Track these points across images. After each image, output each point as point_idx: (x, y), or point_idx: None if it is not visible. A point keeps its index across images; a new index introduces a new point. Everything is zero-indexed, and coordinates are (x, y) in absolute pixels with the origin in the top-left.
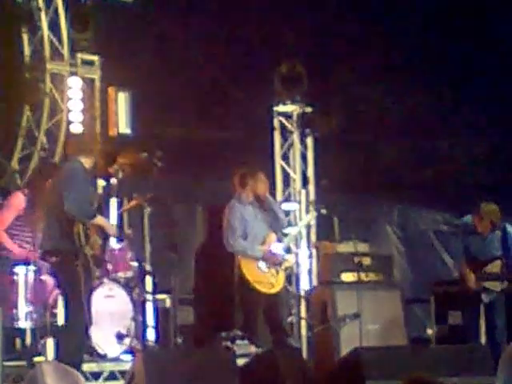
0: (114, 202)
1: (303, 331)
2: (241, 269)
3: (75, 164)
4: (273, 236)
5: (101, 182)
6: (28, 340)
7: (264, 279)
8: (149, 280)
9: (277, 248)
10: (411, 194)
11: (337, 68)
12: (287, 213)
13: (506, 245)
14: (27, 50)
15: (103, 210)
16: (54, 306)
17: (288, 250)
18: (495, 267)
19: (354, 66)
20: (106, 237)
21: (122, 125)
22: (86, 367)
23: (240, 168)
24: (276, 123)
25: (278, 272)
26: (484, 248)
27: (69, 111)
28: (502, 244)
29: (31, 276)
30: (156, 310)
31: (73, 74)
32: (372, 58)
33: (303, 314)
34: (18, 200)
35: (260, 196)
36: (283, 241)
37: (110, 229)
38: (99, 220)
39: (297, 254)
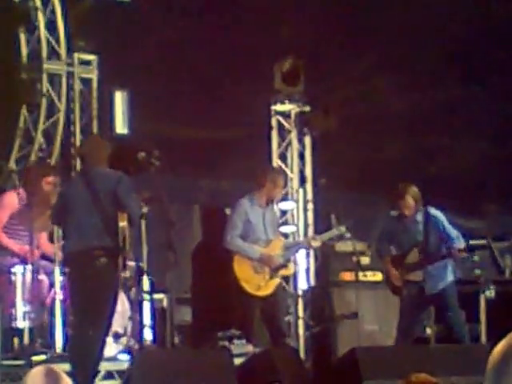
0: None
1: (301, 331)
2: (233, 265)
3: (120, 172)
4: (279, 242)
5: None
6: (26, 339)
7: (253, 280)
8: (146, 280)
9: (279, 255)
10: None
11: (335, 66)
12: (284, 212)
13: (427, 228)
14: (24, 50)
15: None
16: (52, 305)
17: (289, 259)
18: (413, 257)
19: (353, 64)
20: None
21: (120, 124)
22: None
23: (262, 167)
24: (274, 122)
25: (271, 277)
26: (408, 234)
27: (66, 111)
28: (424, 228)
29: (29, 276)
30: (153, 309)
31: (70, 73)
32: (371, 56)
33: (301, 313)
34: (12, 199)
35: (274, 200)
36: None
37: None
38: None
39: (295, 254)
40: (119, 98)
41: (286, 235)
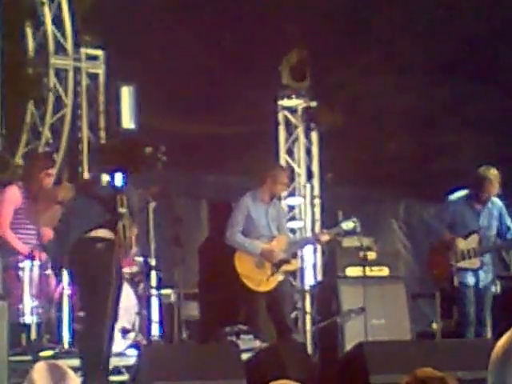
0: None
1: (308, 326)
2: (234, 260)
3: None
4: (283, 238)
5: (105, 177)
6: (33, 335)
7: (254, 276)
8: (154, 275)
9: (281, 250)
10: (417, 189)
11: (341, 62)
12: (291, 207)
13: (494, 215)
14: (31, 45)
15: None
16: (59, 300)
17: (295, 255)
18: (472, 242)
19: (359, 60)
20: None
21: (126, 119)
22: None
23: (264, 164)
24: (281, 118)
25: (272, 273)
26: (476, 218)
27: (73, 106)
28: (491, 214)
29: (36, 271)
30: (161, 305)
31: (77, 68)
32: (376, 53)
33: (308, 308)
34: (13, 193)
35: (276, 196)
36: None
37: None
38: None
39: (301, 249)
40: (126, 93)
41: (293, 230)
